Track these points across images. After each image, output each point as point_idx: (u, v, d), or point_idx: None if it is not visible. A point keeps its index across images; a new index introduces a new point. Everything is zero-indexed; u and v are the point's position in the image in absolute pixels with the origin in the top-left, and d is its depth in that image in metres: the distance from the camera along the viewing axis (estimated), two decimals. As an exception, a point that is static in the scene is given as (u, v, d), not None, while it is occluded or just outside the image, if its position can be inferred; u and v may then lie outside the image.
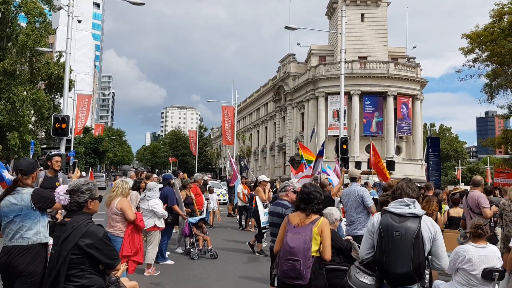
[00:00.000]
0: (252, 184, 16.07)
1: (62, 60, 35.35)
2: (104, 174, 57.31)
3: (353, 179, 8.20)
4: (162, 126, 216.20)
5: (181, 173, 15.99)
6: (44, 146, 34.60)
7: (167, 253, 9.84)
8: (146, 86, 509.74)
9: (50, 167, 7.12)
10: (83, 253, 3.27)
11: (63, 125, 15.27)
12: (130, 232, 6.14)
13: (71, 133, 28.26)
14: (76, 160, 37.45)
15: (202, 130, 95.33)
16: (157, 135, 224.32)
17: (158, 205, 8.62)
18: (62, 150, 16.12)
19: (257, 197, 10.87)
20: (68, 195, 3.49)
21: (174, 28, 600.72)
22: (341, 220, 6.86)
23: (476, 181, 8.47)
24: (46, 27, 34.77)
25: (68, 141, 18.94)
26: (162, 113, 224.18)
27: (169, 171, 70.05)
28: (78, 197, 3.48)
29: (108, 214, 6.35)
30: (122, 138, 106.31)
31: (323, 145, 16.51)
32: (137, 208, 8.53)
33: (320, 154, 14.70)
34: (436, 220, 7.52)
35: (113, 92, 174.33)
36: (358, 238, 5.92)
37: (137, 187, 9.79)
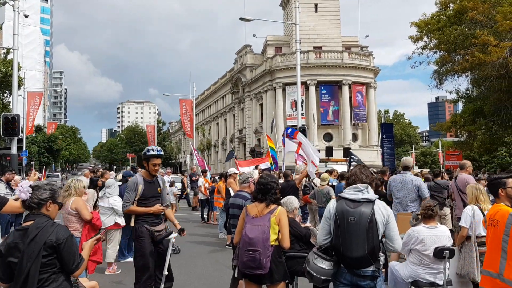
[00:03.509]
0: (217, 177, 16.06)
1: (9, 57, 33.73)
2: (59, 174, 55.54)
3: (406, 168, 8.22)
4: (118, 122, 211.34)
5: (140, 169, 15.73)
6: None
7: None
8: (100, 81, 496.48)
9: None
10: (53, 252, 3.14)
11: (14, 125, 14.67)
12: (87, 232, 6.00)
13: (22, 132, 27.18)
14: (33, 162, 36.05)
15: (161, 125, 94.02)
16: (113, 131, 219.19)
17: (118, 203, 8.45)
18: (14, 150, 15.52)
19: (230, 189, 10.87)
20: (31, 189, 3.34)
21: (128, 21, 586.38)
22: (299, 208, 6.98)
23: (462, 164, 8.97)
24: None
25: (20, 140, 18.26)
26: (118, 108, 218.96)
27: (128, 167, 68.78)
28: (40, 193, 3.31)
29: (63, 215, 6.19)
30: (76, 135, 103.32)
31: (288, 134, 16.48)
32: (95, 206, 8.34)
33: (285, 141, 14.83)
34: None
35: (65, 89, 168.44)
36: None
37: (94, 185, 9.58)
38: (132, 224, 5.56)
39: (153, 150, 5.57)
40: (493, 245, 3.83)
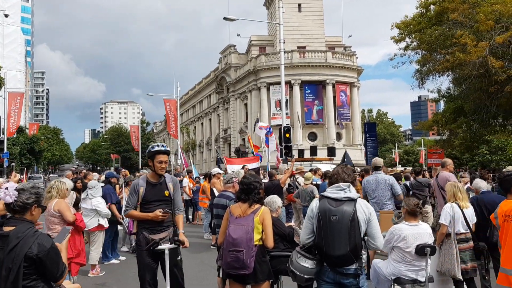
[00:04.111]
0: (201, 177, 16.05)
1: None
2: (41, 175, 54.72)
3: (377, 168, 8.41)
4: (102, 122, 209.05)
5: (123, 170, 15.64)
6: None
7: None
8: (83, 81, 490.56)
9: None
10: (34, 263, 3.07)
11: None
12: (70, 234, 5.95)
13: (3, 133, 26.72)
14: (14, 164, 35.41)
15: (145, 125, 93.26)
16: (97, 131, 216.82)
17: (101, 204, 8.40)
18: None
19: (214, 189, 10.86)
20: (17, 193, 3.22)
21: (111, 21, 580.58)
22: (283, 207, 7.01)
23: (443, 162, 9.12)
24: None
25: (1, 142, 17.90)
26: (102, 108, 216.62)
27: (112, 168, 68.13)
28: (26, 196, 3.22)
29: (45, 217, 6.12)
30: (59, 136, 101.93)
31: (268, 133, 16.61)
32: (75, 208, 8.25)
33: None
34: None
35: (47, 89, 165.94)
36: None
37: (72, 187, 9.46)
38: (135, 230, 5.16)
39: (157, 145, 5.09)
40: (511, 241, 3.87)
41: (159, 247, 4.88)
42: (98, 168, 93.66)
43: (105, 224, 8.50)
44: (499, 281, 3.99)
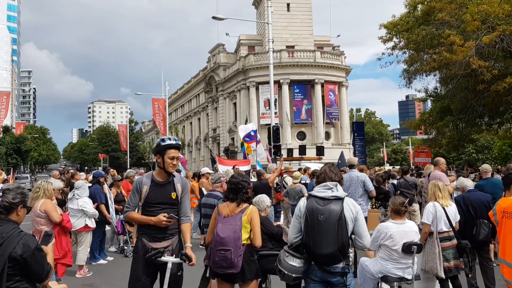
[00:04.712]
0: (191, 176, 15.98)
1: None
2: (28, 175, 54.10)
3: (351, 166, 8.75)
4: (89, 122, 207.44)
5: (111, 170, 15.54)
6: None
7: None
8: (71, 81, 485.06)
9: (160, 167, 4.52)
10: (18, 264, 3.05)
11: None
12: (57, 234, 5.90)
13: (-12, 133, 26.35)
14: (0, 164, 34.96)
15: (133, 124, 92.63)
16: (84, 131, 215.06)
17: (88, 204, 8.33)
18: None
19: (203, 189, 10.85)
20: (1, 193, 3.21)
21: (98, 19, 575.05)
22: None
23: (435, 161, 9.29)
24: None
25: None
26: (89, 108, 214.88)
27: (100, 168, 67.62)
28: (12, 196, 3.21)
29: (31, 217, 6.06)
30: (46, 136, 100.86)
31: (254, 131, 16.64)
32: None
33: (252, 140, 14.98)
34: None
35: (34, 88, 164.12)
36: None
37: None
38: (134, 237, 4.51)
39: (169, 139, 4.37)
40: (510, 236, 4.09)
41: (163, 258, 4.15)
42: (86, 168, 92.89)
43: (92, 224, 8.44)
44: (503, 273, 4.29)
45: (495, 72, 17.89)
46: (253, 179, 11.66)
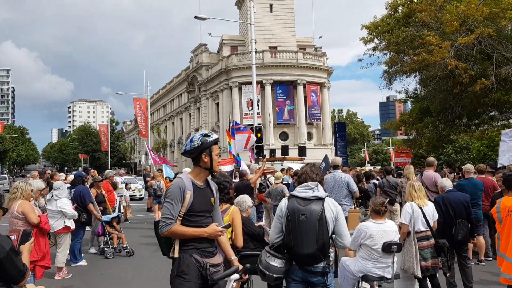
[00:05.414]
0: (172, 177, 15.89)
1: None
2: (6, 176, 53.03)
3: (336, 167, 8.78)
4: (70, 122, 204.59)
5: (92, 170, 15.36)
6: None
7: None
8: (50, 80, 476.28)
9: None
10: None
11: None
12: (35, 236, 5.78)
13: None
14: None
15: (114, 124, 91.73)
16: (64, 131, 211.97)
17: (67, 205, 8.20)
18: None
19: None
20: None
21: (77, 17, 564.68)
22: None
23: (429, 162, 9.23)
24: None
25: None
26: (69, 107, 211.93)
27: (80, 168, 66.73)
28: None
29: (9, 219, 5.94)
30: (25, 136, 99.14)
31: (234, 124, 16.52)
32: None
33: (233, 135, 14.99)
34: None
35: (12, 87, 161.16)
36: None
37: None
38: (176, 254, 3.51)
39: (211, 133, 3.75)
40: None
41: (232, 277, 3.53)
42: (66, 168, 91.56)
43: (72, 225, 8.31)
44: (504, 270, 4.53)
45: (472, 73, 18.21)
46: (236, 179, 11.64)
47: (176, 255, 3.45)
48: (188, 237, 3.49)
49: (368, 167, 31.98)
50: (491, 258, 8.69)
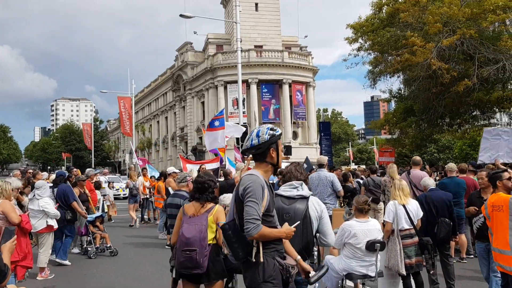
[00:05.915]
0: (157, 176, 15.81)
1: None
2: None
3: (321, 165, 8.76)
4: (53, 120, 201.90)
5: (75, 170, 15.19)
6: None
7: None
8: (33, 77, 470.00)
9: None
10: None
11: None
12: (16, 236, 5.70)
13: None
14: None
15: (98, 123, 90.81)
16: (47, 129, 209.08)
17: (49, 205, 8.09)
18: None
19: (169, 188, 10.71)
20: None
21: (63, 15, 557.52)
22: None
23: (416, 161, 9.27)
24: None
25: None
26: (52, 106, 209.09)
27: (63, 167, 65.87)
28: None
29: (-11, 219, 5.83)
30: (6, 134, 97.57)
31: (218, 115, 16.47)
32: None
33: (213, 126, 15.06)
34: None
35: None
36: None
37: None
38: (262, 258, 3.21)
39: (276, 127, 3.45)
40: (501, 226, 4.63)
41: (313, 279, 3.40)
42: (49, 167, 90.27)
43: (54, 225, 8.20)
44: (496, 260, 4.80)
45: (454, 74, 18.45)
46: (221, 178, 11.62)
47: (262, 259, 3.19)
48: (273, 238, 3.26)
49: (352, 166, 32.20)
50: (472, 256, 8.82)
